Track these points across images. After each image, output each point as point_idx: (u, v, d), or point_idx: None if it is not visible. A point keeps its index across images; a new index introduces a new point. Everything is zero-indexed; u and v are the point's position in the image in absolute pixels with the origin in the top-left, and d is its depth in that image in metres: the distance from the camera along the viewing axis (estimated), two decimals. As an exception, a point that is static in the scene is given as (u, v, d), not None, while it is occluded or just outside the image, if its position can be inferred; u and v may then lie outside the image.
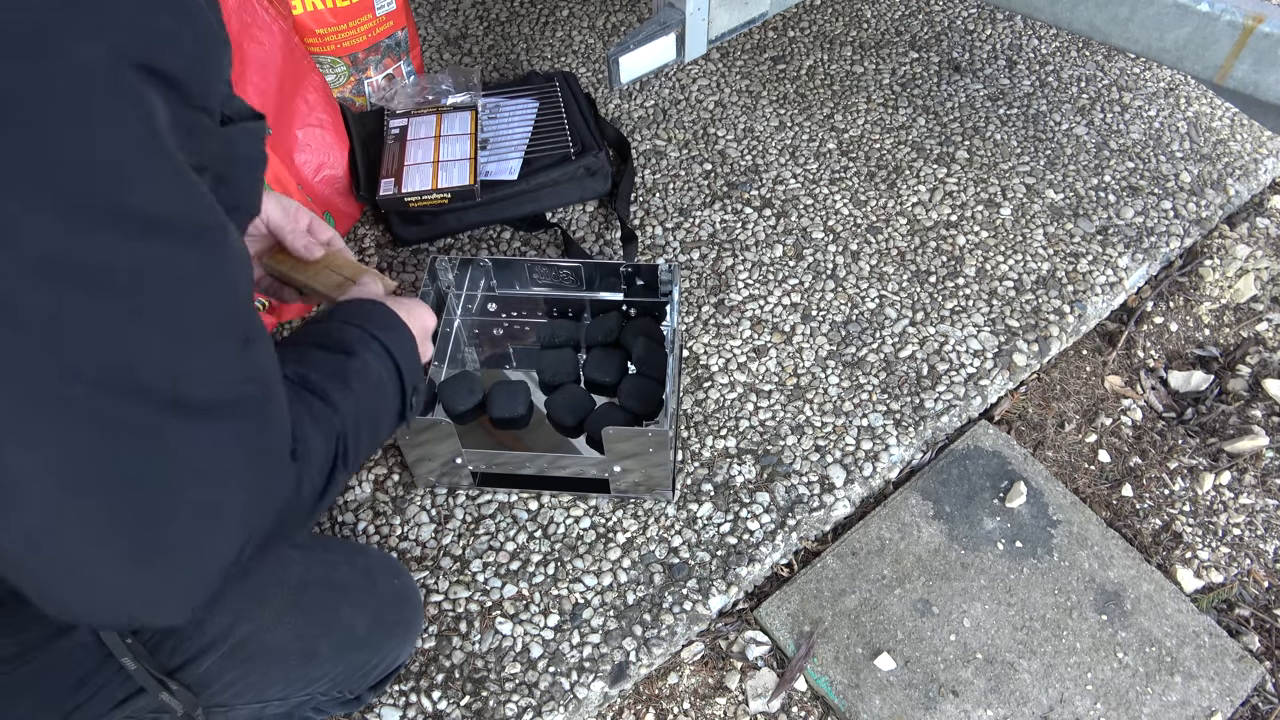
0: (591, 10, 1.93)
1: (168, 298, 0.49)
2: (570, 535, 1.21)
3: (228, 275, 0.53)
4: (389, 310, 0.81)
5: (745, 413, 1.31)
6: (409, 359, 0.79)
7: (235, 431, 0.53)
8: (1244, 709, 1.13)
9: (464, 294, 1.35)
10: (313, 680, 0.88)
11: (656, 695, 1.15)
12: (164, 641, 0.76)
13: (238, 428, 0.54)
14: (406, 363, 0.79)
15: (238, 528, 0.55)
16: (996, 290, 1.44)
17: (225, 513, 0.54)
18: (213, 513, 0.53)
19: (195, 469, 0.52)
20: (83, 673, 0.73)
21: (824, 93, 1.74)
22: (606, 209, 1.57)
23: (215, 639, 0.79)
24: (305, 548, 0.93)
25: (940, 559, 1.22)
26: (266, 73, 1.33)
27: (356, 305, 0.81)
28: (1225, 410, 1.37)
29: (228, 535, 0.55)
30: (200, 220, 0.51)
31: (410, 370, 0.79)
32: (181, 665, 0.77)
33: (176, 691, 0.77)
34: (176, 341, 0.50)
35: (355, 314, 0.79)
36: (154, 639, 0.76)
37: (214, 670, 0.80)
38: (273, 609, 0.84)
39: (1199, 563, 1.24)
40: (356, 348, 0.74)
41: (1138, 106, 1.70)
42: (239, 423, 0.54)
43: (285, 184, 1.34)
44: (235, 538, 0.55)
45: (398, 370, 0.77)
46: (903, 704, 1.11)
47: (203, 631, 0.78)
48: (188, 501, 0.52)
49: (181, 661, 0.77)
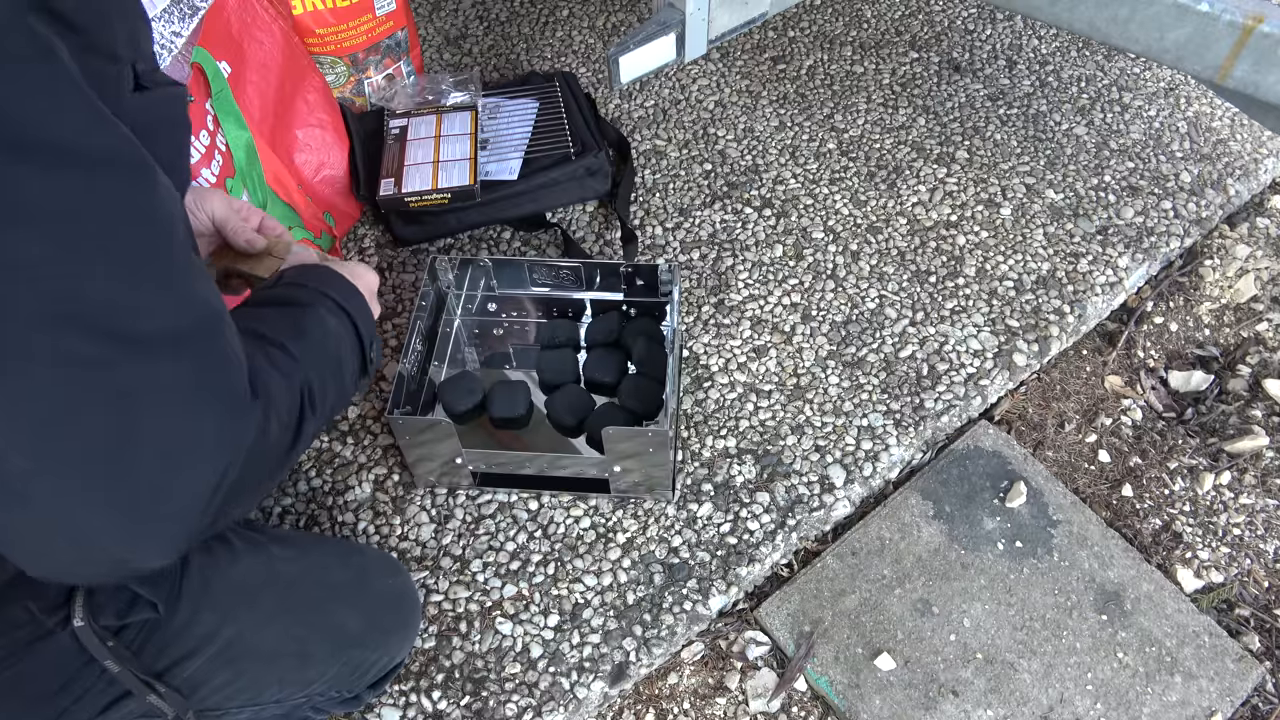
0: (591, 10, 1.93)
1: (97, 229, 0.49)
2: (570, 535, 1.21)
3: (158, 207, 0.53)
4: (332, 270, 0.82)
5: (745, 413, 1.31)
6: (361, 312, 0.80)
7: (188, 363, 0.54)
8: (1244, 709, 1.13)
9: (464, 294, 1.35)
10: (309, 682, 0.88)
11: (656, 695, 1.15)
12: (148, 643, 0.75)
13: (190, 359, 0.54)
14: (360, 316, 0.79)
15: (208, 461, 0.55)
16: (996, 290, 1.44)
17: (193, 446, 0.54)
18: (181, 447, 0.54)
19: (155, 403, 0.52)
20: (65, 677, 0.72)
21: (824, 93, 1.74)
22: (606, 209, 1.57)
23: (202, 641, 0.78)
24: (299, 548, 0.92)
25: (940, 559, 1.22)
26: (267, 73, 1.33)
27: (301, 268, 0.82)
28: (1225, 410, 1.37)
29: (199, 469, 0.55)
30: (120, 150, 0.51)
31: (365, 324, 0.80)
32: (168, 668, 0.77)
33: (165, 694, 0.76)
34: (113, 274, 0.50)
35: (301, 275, 0.80)
36: (137, 640, 0.75)
37: (203, 673, 0.79)
38: (262, 610, 0.84)
39: (1199, 563, 1.24)
40: (307, 302, 0.76)
41: (1138, 106, 1.70)
42: (191, 354, 0.54)
43: (285, 184, 1.34)
44: (208, 472, 0.55)
45: (353, 322, 0.78)
46: (903, 704, 1.11)
47: (189, 633, 0.78)
48: (153, 437, 0.52)
49: (168, 664, 0.77)
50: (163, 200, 0.54)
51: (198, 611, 0.79)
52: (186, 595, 0.78)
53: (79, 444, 0.50)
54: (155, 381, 0.52)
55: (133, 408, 0.51)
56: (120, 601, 0.74)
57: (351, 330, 0.78)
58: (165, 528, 0.55)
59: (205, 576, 0.80)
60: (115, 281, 0.50)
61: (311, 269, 0.82)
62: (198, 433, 0.55)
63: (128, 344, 0.51)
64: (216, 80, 1.20)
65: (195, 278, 0.56)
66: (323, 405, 0.70)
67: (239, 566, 0.84)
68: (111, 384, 0.50)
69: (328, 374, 0.72)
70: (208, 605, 0.80)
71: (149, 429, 0.52)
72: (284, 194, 1.33)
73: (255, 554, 0.86)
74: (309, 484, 1.27)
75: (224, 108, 1.21)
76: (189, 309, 0.55)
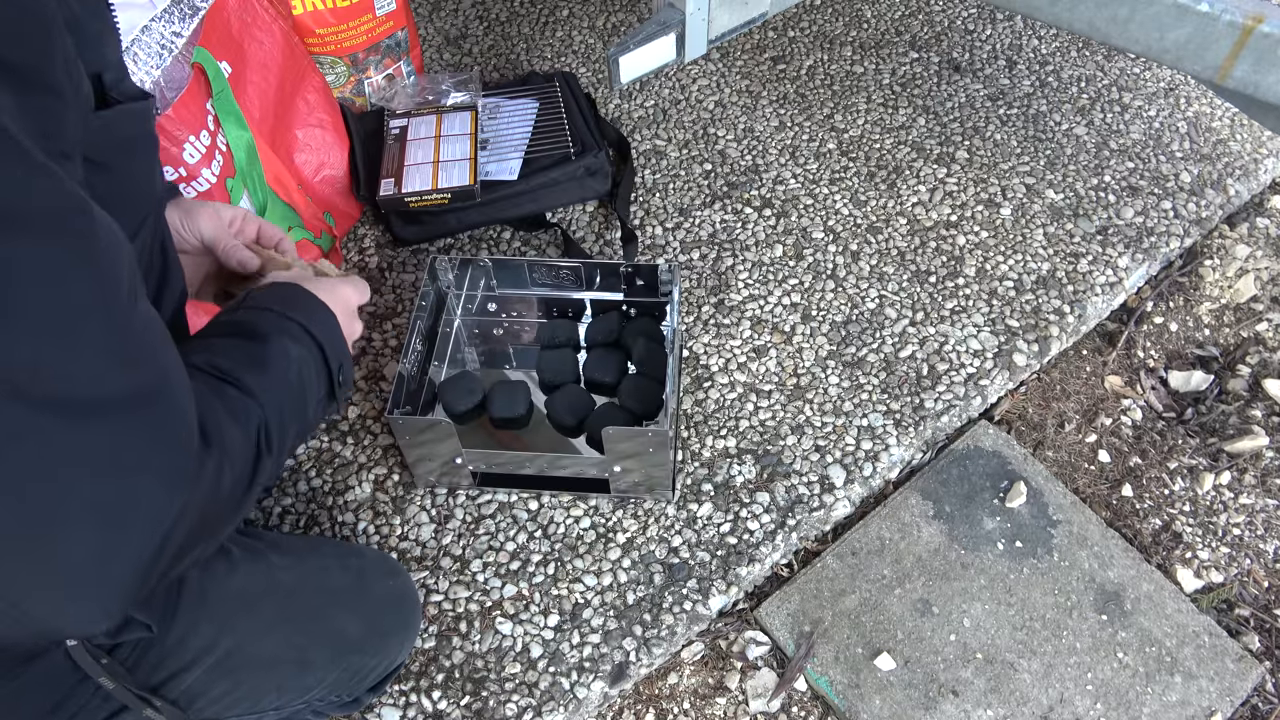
0: (591, 10, 1.93)
1: (24, 293, 0.46)
2: (570, 535, 1.21)
3: (93, 266, 0.50)
4: (302, 290, 0.78)
5: (745, 413, 1.31)
6: (330, 336, 0.76)
7: (126, 426, 0.51)
8: (1244, 709, 1.13)
9: (464, 294, 1.35)
10: (308, 688, 0.88)
11: (656, 695, 1.15)
12: (144, 659, 0.75)
13: (128, 422, 0.51)
14: (329, 340, 0.75)
15: (147, 526, 0.52)
16: (996, 290, 1.44)
17: (130, 512, 0.52)
18: (115, 514, 0.51)
19: (88, 469, 0.49)
20: (59, 695, 0.71)
21: (824, 93, 1.74)
22: (606, 209, 1.57)
23: (199, 653, 0.78)
24: (295, 553, 0.91)
25: (940, 559, 1.22)
26: (267, 73, 1.33)
27: (268, 290, 0.78)
28: (1225, 410, 1.37)
29: (137, 536, 0.52)
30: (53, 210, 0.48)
31: (333, 348, 0.76)
32: (165, 681, 0.76)
33: (161, 708, 0.75)
34: (42, 339, 0.47)
35: (266, 299, 0.76)
36: (132, 657, 0.74)
37: (200, 684, 0.78)
38: (261, 619, 0.83)
39: (1199, 563, 1.24)
40: (269, 330, 0.71)
41: (1138, 106, 1.70)
42: (129, 417, 0.51)
43: (285, 184, 1.34)
44: (147, 537, 0.52)
45: (320, 349, 0.74)
46: (903, 704, 1.11)
47: (184, 646, 0.77)
48: (84, 504, 0.50)
49: (165, 677, 0.76)
50: (102, 254, 0.51)
51: (195, 624, 0.78)
52: (183, 608, 0.77)
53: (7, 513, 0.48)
54: (91, 449, 0.50)
55: (66, 477, 0.49)
56: None
57: (318, 356, 0.74)
58: (100, 597, 0.52)
59: (203, 588, 0.79)
60: (42, 345, 0.47)
61: (279, 289, 0.78)
62: (136, 502, 0.52)
63: (62, 411, 0.48)
64: (217, 80, 1.20)
65: (139, 334, 0.53)
66: (281, 444, 0.67)
67: (237, 576, 0.83)
68: (44, 453, 0.48)
69: (288, 409, 0.69)
70: (205, 617, 0.79)
71: (83, 498, 0.50)
72: (284, 194, 1.33)
73: (253, 562, 0.85)
74: (309, 484, 1.27)
75: (225, 108, 1.21)
76: (130, 371, 0.52)
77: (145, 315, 0.55)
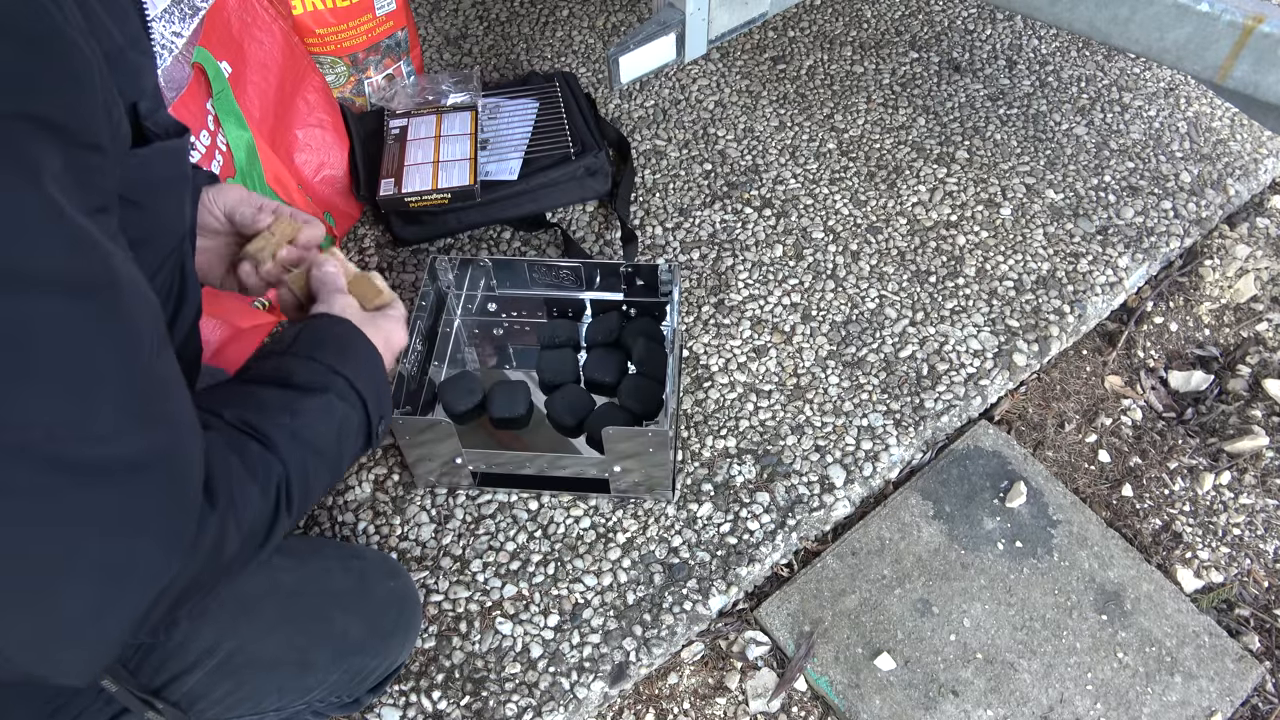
0: (591, 10, 1.93)
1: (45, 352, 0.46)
2: (570, 535, 1.21)
3: (118, 324, 0.50)
4: (358, 334, 0.74)
5: (745, 413, 1.31)
6: (376, 392, 0.73)
7: (133, 488, 0.51)
8: (1244, 709, 1.13)
9: (464, 294, 1.35)
10: (309, 689, 0.88)
11: (656, 695, 1.15)
12: (146, 661, 0.75)
13: (135, 484, 0.51)
14: (373, 397, 0.73)
15: (143, 586, 0.52)
16: (996, 290, 1.44)
17: (128, 572, 0.51)
18: (114, 573, 0.51)
19: (91, 529, 0.49)
20: (61, 698, 0.71)
21: (824, 93, 1.74)
22: (606, 209, 1.57)
23: (200, 656, 0.78)
24: (297, 554, 0.91)
25: (940, 559, 1.22)
26: (267, 73, 1.33)
27: (320, 331, 0.74)
28: (1225, 410, 1.37)
29: (133, 594, 0.52)
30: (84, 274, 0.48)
31: (377, 404, 0.73)
32: (167, 683, 0.76)
33: (163, 710, 0.75)
34: (60, 398, 0.47)
35: (317, 344, 0.72)
36: (135, 659, 0.74)
37: (202, 686, 0.78)
38: (263, 621, 0.83)
39: (1199, 563, 1.24)
40: (316, 386, 0.69)
41: (1138, 106, 1.70)
42: (137, 478, 0.51)
43: (285, 184, 1.34)
44: (142, 596, 0.52)
45: (364, 405, 0.72)
46: (903, 704, 1.11)
47: (188, 648, 0.77)
48: (84, 562, 0.50)
49: (166, 679, 0.76)
50: (128, 314, 0.51)
51: (197, 627, 0.78)
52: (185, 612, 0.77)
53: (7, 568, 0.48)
54: (96, 510, 0.49)
55: (70, 536, 0.49)
56: None
57: (361, 412, 0.71)
58: (90, 649, 0.52)
59: None
60: (64, 405, 0.47)
61: (333, 332, 0.74)
62: (132, 563, 0.51)
63: (71, 471, 0.48)
64: (218, 80, 1.20)
65: (157, 394, 0.53)
66: (304, 500, 0.65)
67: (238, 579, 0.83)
68: (50, 512, 0.48)
69: (318, 469, 0.67)
70: (207, 619, 0.79)
71: (84, 557, 0.49)
72: (284, 194, 1.33)
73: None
74: (309, 484, 1.27)
75: (224, 107, 1.21)
76: (145, 431, 0.51)
77: (164, 373, 0.54)
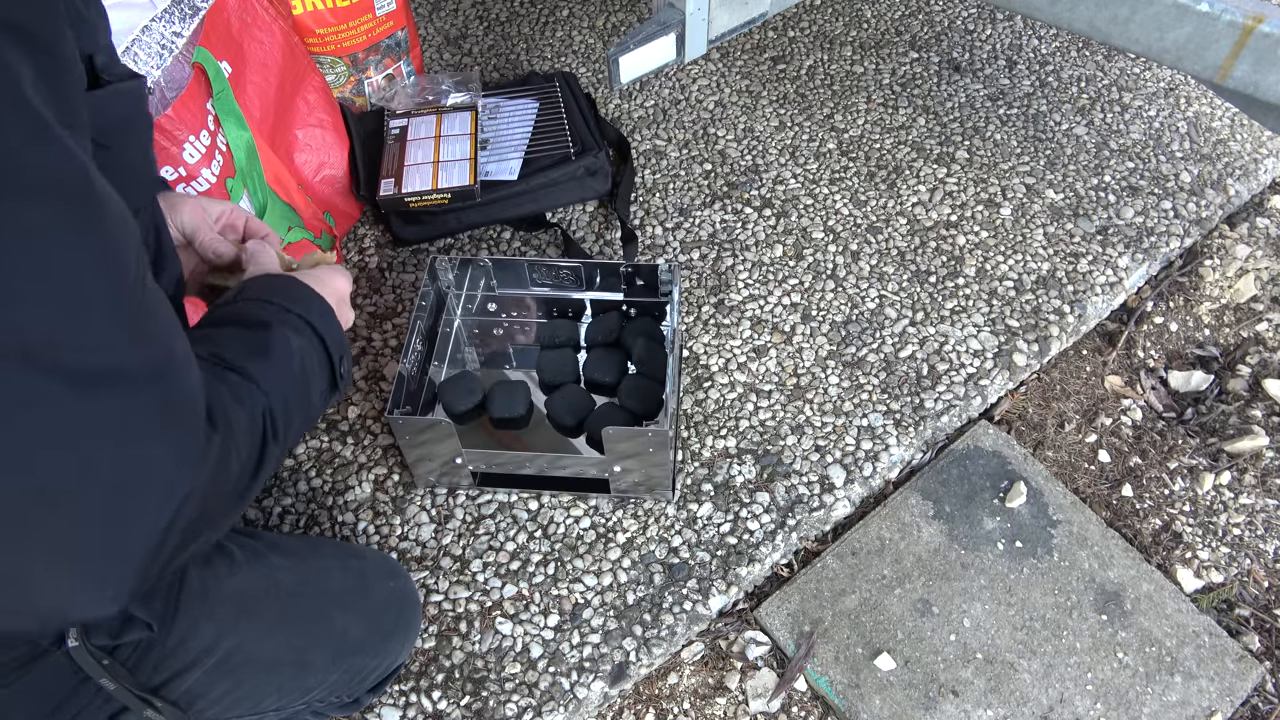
0: (591, 10, 1.93)
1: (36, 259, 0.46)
2: (570, 535, 1.21)
3: (103, 239, 0.50)
4: (297, 282, 0.77)
5: (745, 413, 1.31)
6: (330, 328, 0.76)
7: (138, 401, 0.51)
8: (1244, 709, 1.13)
9: (464, 294, 1.35)
10: (309, 689, 0.88)
11: (656, 695, 1.15)
12: (145, 659, 0.75)
13: (138, 394, 0.51)
14: (328, 331, 0.75)
15: (159, 505, 0.52)
16: (996, 290, 1.44)
17: (143, 489, 0.52)
18: (129, 490, 0.51)
19: (98, 439, 0.49)
20: (60, 697, 0.71)
21: (824, 93, 1.74)
22: (606, 209, 1.57)
23: (200, 654, 0.78)
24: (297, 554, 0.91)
25: (940, 559, 1.22)
26: (267, 73, 1.33)
27: (262, 281, 0.77)
28: (1225, 410, 1.37)
29: (149, 513, 0.52)
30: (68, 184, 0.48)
31: (334, 339, 0.76)
32: (166, 681, 0.76)
33: (162, 709, 0.75)
34: (53, 307, 0.47)
35: (263, 290, 0.74)
36: (133, 658, 0.74)
37: (201, 685, 0.78)
38: (262, 620, 0.83)
39: (1199, 563, 1.24)
40: (270, 321, 0.71)
41: (1138, 106, 1.70)
42: (139, 389, 0.51)
43: (285, 184, 1.34)
44: (158, 516, 0.52)
45: (321, 340, 0.74)
46: (903, 704, 1.11)
47: (187, 647, 0.77)
48: (94, 475, 0.50)
49: (166, 678, 0.76)
50: (111, 229, 0.51)
51: (196, 625, 0.78)
52: (184, 609, 0.77)
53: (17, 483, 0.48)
54: (103, 421, 0.50)
55: (78, 448, 0.49)
56: (114, 620, 0.72)
57: (319, 347, 0.74)
58: (111, 574, 0.52)
59: (204, 588, 0.79)
60: (57, 314, 0.47)
61: (273, 280, 0.77)
62: (147, 475, 0.52)
63: (72, 380, 0.48)
64: (218, 80, 1.20)
65: (148, 311, 0.53)
66: (287, 430, 0.67)
67: (237, 577, 0.83)
68: (55, 421, 0.48)
69: (293, 397, 0.68)
70: (206, 617, 0.79)
71: (95, 471, 0.49)
72: (284, 194, 1.33)
73: (254, 563, 0.85)
74: (309, 484, 1.27)
75: (225, 107, 1.21)
76: (139, 345, 0.52)
77: (154, 294, 0.55)
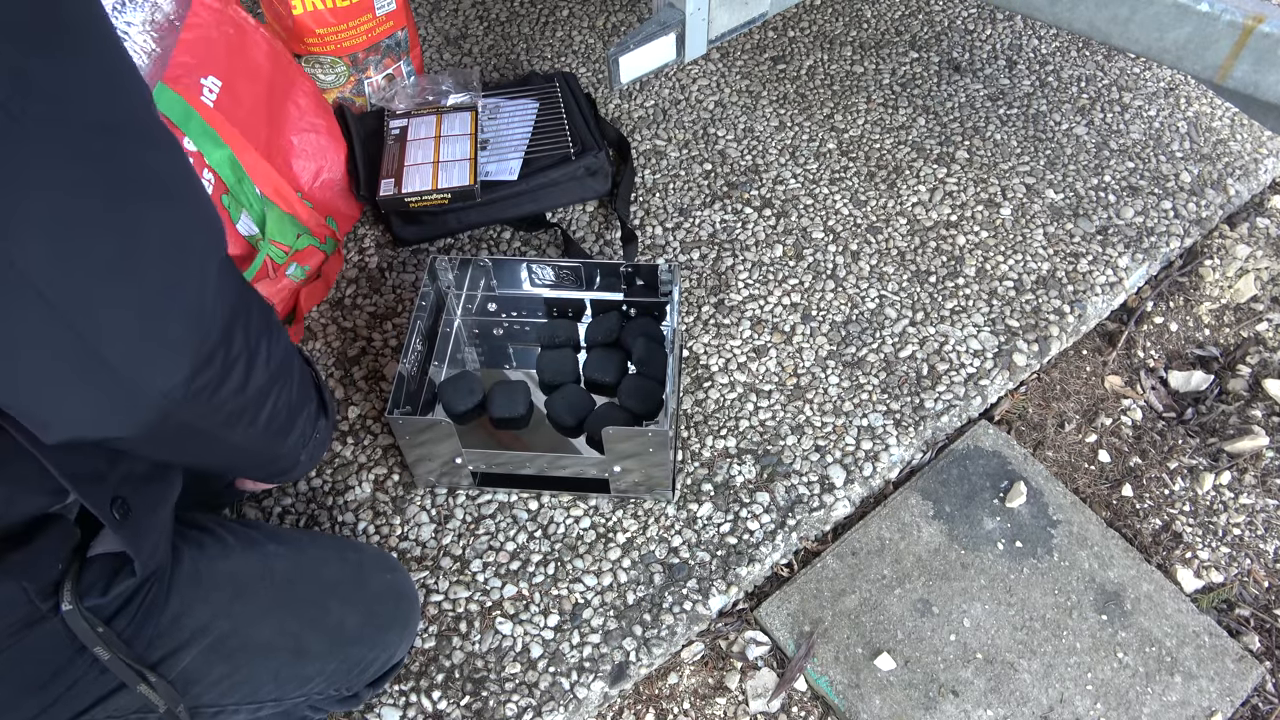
0: (591, 10, 1.93)
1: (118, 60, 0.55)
2: (570, 535, 1.21)
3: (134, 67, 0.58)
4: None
5: (745, 413, 1.31)
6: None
7: (188, 216, 0.59)
8: (1244, 709, 1.13)
9: (464, 294, 1.35)
10: (307, 679, 0.88)
11: (656, 695, 1.15)
12: (140, 633, 0.75)
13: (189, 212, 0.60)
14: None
15: (199, 262, 0.60)
16: (996, 290, 1.44)
17: (186, 249, 0.59)
18: (177, 248, 0.58)
19: (151, 206, 0.57)
20: (55, 666, 0.71)
21: (824, 93, 1.74)
22: (606, 209, 1.57)
23: (194, 633, 0.79)
24: (293, 543, 0.92)
25: (940, 559, 1.22)
26: (254, 82, 1.33)
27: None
28: (1225, 410, 1.37)
29: (193, 272, 0.59)
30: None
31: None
32: (162, 659, 0.77)
33: (156, 684, 0.75)
34: (137, 105, 0.56)
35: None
36: (129, 629, 0.74)
37: (196, 667, 0.79)
38: (256, 604, 0.84)
39: (1199, 563, 1.24)
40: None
41: (1138, 106, 1.70)
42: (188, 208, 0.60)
43: (285, 195, 1.33)
44: (201, 274, 0.60)
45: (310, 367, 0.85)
46: (903, 704, 1.11)
47: (181, 625, 0.78)
48: (152, 237, 0.57)
49: (161, 655, 0.77)
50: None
51: (190, 604, 0.79)
52: (177, 587, 0.78)
53: (91, 248, 0.54)
54: (153, 184, 0.57)
55: (136, 208, 0.56)
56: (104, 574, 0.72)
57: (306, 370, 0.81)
58: (169, 332, 0.58)
59: (197, 569, 0.81)
60: (140, 108, 0.57)
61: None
62: (189, 239, 0.59)
63: (144, 138, 0.57)
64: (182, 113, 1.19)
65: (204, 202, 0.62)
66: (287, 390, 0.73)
67: (231, 560, 0.84)
68: (122, 171, 0.54)
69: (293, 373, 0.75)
70: (200, 597, 0.80)
71: (150, 229, 0.56)
72: (285, 204, 1.32)
73: (249, 549, 0.86)
74: (309, 484, 1.27)
75: (197, 131, 1.20)
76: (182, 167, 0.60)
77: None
